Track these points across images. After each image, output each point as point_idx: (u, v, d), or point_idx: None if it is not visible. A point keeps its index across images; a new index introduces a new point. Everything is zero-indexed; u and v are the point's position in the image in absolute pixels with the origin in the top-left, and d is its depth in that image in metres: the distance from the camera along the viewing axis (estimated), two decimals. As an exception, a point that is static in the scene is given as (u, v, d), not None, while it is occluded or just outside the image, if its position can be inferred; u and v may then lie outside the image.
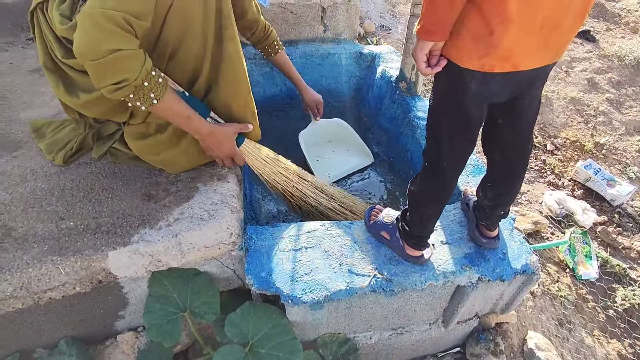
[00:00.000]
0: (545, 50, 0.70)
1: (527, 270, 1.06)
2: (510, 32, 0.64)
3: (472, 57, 0.70)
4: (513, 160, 0.90)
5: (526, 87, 0.77)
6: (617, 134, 2.18)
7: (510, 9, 0.62)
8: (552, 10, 0.64)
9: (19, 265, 0.94)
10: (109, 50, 0.77)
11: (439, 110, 0.83)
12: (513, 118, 0.84)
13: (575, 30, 0.71)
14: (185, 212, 1.06)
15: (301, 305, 0.96)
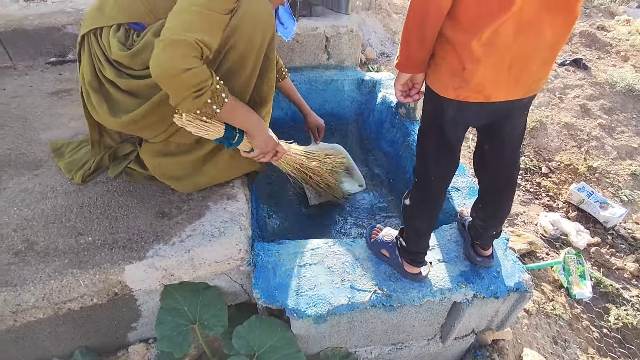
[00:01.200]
0: (517, 87, 0.79)
1: (520, 288, 1.12)
2: (479, 70, 0.74)
3: (449, 88, 0.80)
4: (500, 183, 0.98)
5: (503, 116, 0.86)
6: (609, 158, 2.26)
7: (477, 52, 0.72)
8: (519, 54, 0.73)
9: (42, 277, 1.01)
10: (185, 68, 0.88)
11: (426, 132, 0.92)
12: (497, 144, 0.92)
13: (546, 71, 0.80)
14: (197, 229, 1.13)
15: (305, 318, 1.02)
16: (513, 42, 0.72)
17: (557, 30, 0.73)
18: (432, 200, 0.98)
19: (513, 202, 1.83)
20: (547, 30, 0.72)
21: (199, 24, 0.91)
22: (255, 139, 1.14)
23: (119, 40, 1.09)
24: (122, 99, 1.11)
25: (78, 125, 1.73)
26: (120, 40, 1.09)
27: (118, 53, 1.07)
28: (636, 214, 1.97)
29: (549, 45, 0.74)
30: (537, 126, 2.45)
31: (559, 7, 0.71)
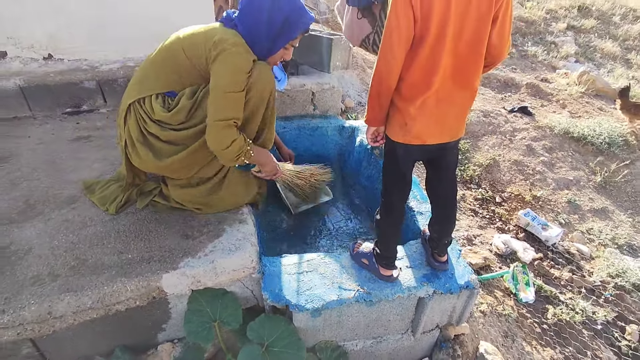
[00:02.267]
0: (442, 134, 1.18)
1: (469, 286, 1.45)
2: (416, 125, 1.13)
3: (397, 136, 1.19)
4: (444, 202, 1.35)
5: (438, 154, 1.24)
6: (550, 188, 2.70)
7: (413, 113, 1.11)
8: (440, 115, 1.13)
9: (96, 284, 1.27)
10: (230, 142, 1.34)
11: (386, 165, 1.30)
12: (438, 172, 1.31)
13: (461, 125, 1.21)
14: (217, 245, 1.43)
15: (304, 312, 1.31)
16: (435, 107, 1.12)
17: (463, 100, 1.14)
18: (395, 214, 1.33)
19: (470, 227, 2.21)
20: (457, 100, 1.13)
21: (228, 106, 1.33)
22: (264, 167, 1.58)
23: (160, 105, 1.46)
24: (163, 147, 1.46)
25: (101, 167, 2.03)
26: (160, 104, 1.46)
27: (160, 114, 1.42)
28: (571, 233, 2.37)
29: (459, 109, 1.15)
30: (491, 163, 2.89)
31: (464, 86, 1.12)
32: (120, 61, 3.04)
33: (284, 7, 1.37)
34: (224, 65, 1.31)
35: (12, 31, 2.87)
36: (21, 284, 1.27)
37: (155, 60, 1.50)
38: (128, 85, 1.57)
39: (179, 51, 1.42)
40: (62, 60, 3.02)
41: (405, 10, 1.01)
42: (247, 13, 1.39)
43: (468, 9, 1.02)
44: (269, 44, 1.44)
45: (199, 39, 1.39)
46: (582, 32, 5.78)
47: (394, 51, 1.06)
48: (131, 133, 1.49)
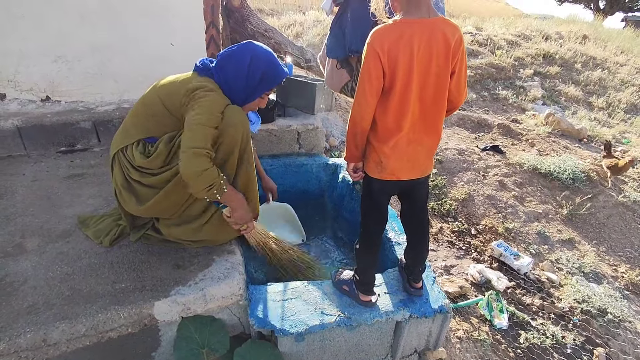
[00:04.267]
0: (413, 171, 1.34)
1: (443, 310, 1.56)
2: (390, 163, 1.29)
3: (374, 172, 1.34)
4: (417, 232, 1.49)
5: (410, 188, 1.40)
6: (521, 221, 2.88)
7: (387, 152, 1.27)
8: (411, 154, 1.30)
9: (90, 312, 1.34)
10: (202, 170, 1.34)
11: (364, 199, 1.44)
12: (411, 204, 1.46)
13: (430, 162, 1.38)
14: (207, 274, 1.52)
15: (289, 336, 1.39)
16: (407, 147, 1.29)
17: (430, 142, 1.31)
18: (372, 243, 1.46)
19: (448, 257, 2.34)
20: (426, 141, 1.30)
21: (201, 137, 1.37)
22: (235, 212, 1.56)
23: (140, 151, 1.55)
24: (144, 192, 1.56)
25: (95, 202, 2.12)
26: (140, 151, 1.56)
27: (140, 160, 1.53)
28: (541, 263, 2.52)
29: (427, 149, 1.32)
30: (466, 198, 3.08)
31: (431, 130, 1.30)
32: (116, 102, 3.21)
33: (261, 64, 1.52)
34: (199, 105, 1.41)
35: (12, 75, 3.03)
36: (17, 313, 1.33)
37: (136, 109, 1.61)
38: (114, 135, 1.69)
39: (156, 100, 1.53)
40: (59, 102, 3.17)
41: (375, 64, 1.19)
42: (226, 66, 1.51)
43: (429, 67, 1.22)
44: (246, 94, 1.57)
45: (174, 87, 1.50)
46: (547, 77, 6.28)
47: (366, 98, 1.24)
48: (117, 180, 1.59)
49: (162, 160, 1.50)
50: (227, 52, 1.55)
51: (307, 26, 6.88)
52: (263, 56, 1.54)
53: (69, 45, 3.02)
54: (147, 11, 3.05)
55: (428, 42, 1.16)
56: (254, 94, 1.57)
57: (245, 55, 1.51)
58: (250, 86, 1.53)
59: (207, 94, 1.44)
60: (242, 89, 1.54)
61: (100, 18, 2.99)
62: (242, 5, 3.64)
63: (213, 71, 1.54)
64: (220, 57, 1.55)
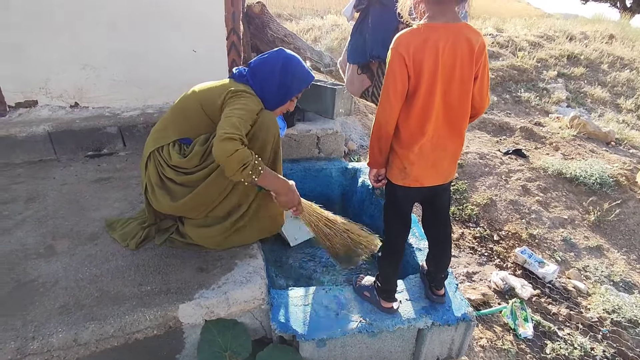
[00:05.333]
0: (437, 177, 1.32)
1: (466, 318, 1.53)
2: (414, 169, 1.28)
3: (398, 179, 1.33)
4: (439, 238, 1.47)
5: (433, 194, 1.38)
6: (545, 227, 2.80)
7: (412, 159, 1.26)
8: (435, 159, 1.28)
9: (118, 314, 1.38)
10: (233, 149, 1.35)
11: (387, 206, 1.43)
12: (433, 211, 1.44)
13: (453, 168, 1.36)
14: (230, 278, 1.54)
15: (310, 341, 1.39)
16: (431, 153, 1.28)
17: (454, 147, 1.30)
18: (395, 251, 1.45)
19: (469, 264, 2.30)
20: (449, 147, 1.29)
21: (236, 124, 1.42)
22: (280, 196, 1.57)
23: (176, 151, 1.63)
24: (177, 190, 1.62)
25: (121, 206, 2.19)
26: (177, 151, 1.63)
27: (177, 160, 1.60)
28: (568, 270, 2.44)
29: (451, 155, 1.30)
30: (488, 203, 3.02)
31: (454, 134, 1.28)
32: (140, 108, 3.30)
33: (292, 69, 1.62)
34: (237, 103, 1.50)
35: (44, 82, 3.15)
36: (49, 313, 1.38)
37: (173, 111, 1.71)
38: (149, 135, 1.76)
39: (194, 103, 1.63)
40: (87, 108, 3.29)
41: (400, 68, 1.19)
42: (260, 73, 1.62)
43: (453, 71, 1.21)
44: (278, 98, 1.67)
45: (214, 91, 1.60)
46: (572, 78, 6.10)
47: (390, 102, 1.24)
48: (151, 178, 1.65)
49: (197, 160, 1.58)
50: (260, 59, 1.64)
51: (325, 30, 6.91)
52: (293, 61, 1.65)
53: (97, 53, 3.13)
54: (171, 19, 3.13)
55: (453, 46, 1.16)
56: (285, 97, 1.67)
57: (277, 61, 1.62)
58: (282, 90, 1.63)
59: (246, 95, 1.55)
60: (275, 93, 1.63)
61: (126, 27, 3.08)
62: (263, 12, 3.69)
63: (248, 77, 1.64)
64: (254, 65, 1.65)
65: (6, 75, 3.04)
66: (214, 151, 1.39)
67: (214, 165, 1.55)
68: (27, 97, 3.15)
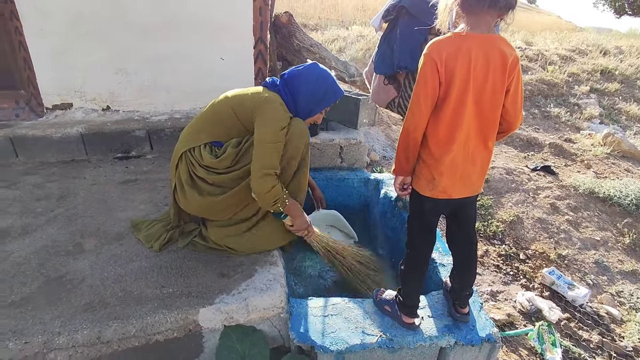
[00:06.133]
0: (465, 189, 1.29)
1: (490, 339, 1.47)
2: (442, 180, 1.25)
3: (425, 190, 1.30)
4: (464, 254, 1.43)
5: (459, 207, 1.34)
6: (575, 248, 2.68)
7: (442, 169, 1.23)
8: (464, 172, 1.25)
9: (140, 314, 1.39)
10: (270, 187, 1.53)
11: (412, 218, 1.40)
12: (459, 225, 1.40)
13: (481, 181, 1.32)
14: (250, 284, 1.54)
15: (329, 354, 1.37)
16: (462, 165, 1.25)
17: (483, 160, 1.26)
18: (419, 265, 1.41)
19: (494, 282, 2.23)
20: (478, 160, 1.25)
21: (271, 156, 1.55)
22: (295, 220, 1.69)
23: (208, 152, 1.68)
24: (207, 189, 1.68)
25: (147, 208, 2.23)
26: (209, 152, 1.68)
27: (209, 160, 1.64)
28: (600, 295, 2.32)
29: (480, 167, 1.27)
30: (515, 220, 2.93)
31: (484, 147, 1.25)
32: (168, 113, 3.39)
33: (324, 84, 1.69)
34: (266, 119, 1.57)
35: (79, 86, 3.29)
36: (75, 309, 1.41)
37: (205, 115, 1.77)
38: (180, 136, 1.81)
39: (227, 109, 1.69)
40: (117, 111, 3.40)
41: (432, 73, 1.18)
42: (293, 84, 1.68)
43: (485, 81, 1.18)
44: (309, 109, 1.73)
45: (246, 97, 1.67)
46: (605, 94, 5.89)
47: (420, 107, 1.22)
48: (181, 177, 1.70)
49: (229, 161, 1.66)
50: (295, 71, 1.70)
51: (350, 41, 6.94)
52: (326, 76, 1.72)
53: (129, 59, 3.25)
54: (200, 28, 3.22)
55: (485, 56, 1.13)
56: (315, 109, 1.73)
57: (312, 75, 1.69)
58: (314, 102, 1.70)
59: (275, 106, 1.61)
60: (307, 104, 1.70)
61: (158, 34, 3.19)
62: (290, 22, 3.74)
63: (280, 88, 1.70)
64: (288, 76, 1.72)
65: (46, 79, 3.19)
66: (253, 186, 1.57)
67: (247, 168, 1.61)
68: (64, 100, 3.30)
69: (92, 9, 3.03)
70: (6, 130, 2.91)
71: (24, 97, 3.26)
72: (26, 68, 3.16)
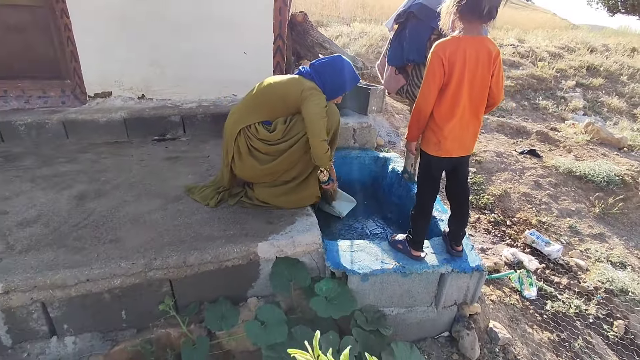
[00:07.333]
0: (462, 149, 1.73)
1: (479, 268, 1.92)
2: (446, 143, 1.69)
3: (432, 150, 1.74)
4: (460, 200, 1.87)
5: (458, 164, 1.79)
6: (554, 216, 3.14)
7: (446, 134, 1.67)
8: (461, 136, 1.69)
9: (212, 247, 1.82)
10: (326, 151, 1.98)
11: (422, 174, 1.84)
12: (456, 180, 1.84)
13: (473, 143, 1.76)
14: (294, 228, 1.97)
15: (357, 275, 1.81)
16: (459, 131, 1.69)
17: (475, 127, 1.70)
18: (426, 209, 1.86)
19: (484, 242, 2.68)
20: (471, 127, 1.70)
21: (322, 128, 1.95)
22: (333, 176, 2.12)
23: (263, 128, 2.09)
24: (262, 157, 2.08)
25: (193, 178, 2.65)
26: (263, 128, 2.09)
27: (264, 134, 2.06)
28: (571, 251, 2.79)
29: (472, 133, 1.71)
30: (503, 194, 3.38)
31: (475, 118, 1.69)
32: (197, 101, 3.80)
33: (348, 72, 2.10)
34: (313, 103, 1.96)
35: (118, 76, 3.69)
36: (161, 245, 1.84)
37: (255, 100, 2.15)
38: (232, 116, 2.20)
39: (274, 94, 2.09)
40: (151, 99, 3.81)
41: (438, 66, 1.61)
42: (324, 72, 2.09)
43: (476, 70, 1.61)
44: (335, 92, 2.14)
45: (291, 88, 2.05)
46: (590, 88, 6.37)
47: (430, 89, 1.65)
48: (240, 148, 2.11)
49: (280, 134, 2.06)
50: (322, 61, 2.11)
51: (354, 37, 7.36)
52: (349, 65, 2.12)
53: (163, 52, 3.65)
54: (226, 25, 3.63)
55: (476, 53, 1.57)
56: (339, 92, 2.15)
57: (338, 64, 2.10)
58: (338, 86, 2.11)
59: (317, 93, 2.02)
60: (333, 88, 2.10)
61: (189, 30, 3.59)
62: (305, 20, 4.16)
63: (313, 76, 2.10)
64: (318, 65, 2.12)
65: (89, 70, 3.59)
66: (316, 151, 1.98)
67: (293, 140, 2.04)
68: (104, 89, 3.70)
69: (132, 9, 3.42)
70: (59, 115, 3.31)
71: (69, 86, 3.65)
72: (72, 60, 3.55)
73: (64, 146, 3.21)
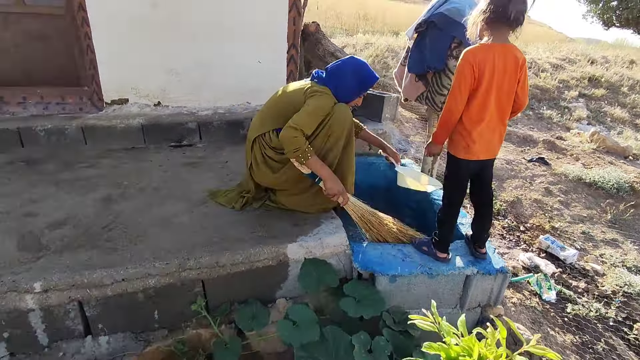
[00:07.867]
0: (488, 152, 1.78)
1: (503, 270, 1.95)
2: (475, 145, 1.74)
3: (461, 153, 1.79)
4: (484, 202, 1.91)
5: (484, 167, 1.83)
6: (566, 221, 3.19)
7: (474, 138, 1.72)
8: (489, 140, 1.74)
9: (243, 248, 1.85)
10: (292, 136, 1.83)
11: (449, 177, 1.88)
12: (481, 183, 1.89)
13: (499, 147, 1.81)
14: (320, 230, 2.01)
15: (385, 276, 1.84)
16: (486, 135, 1.74)
17: (501, 131, 1.76)
18: (453, 211, 1.90)
19: (499, 247, 2.72)
20: (498, 131, 1.75)
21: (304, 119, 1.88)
22: (326, 183, 1.99)
23: (275, 136, 2.09)
24: (275, 165, 2.10)
25: (214, 182, 2.69)
26: (275, 136, 2.09)
27: (277, 143, 2.06)
28: (586, 256, 2.82)
29: (498, 136, 1.77)
30: (515, 200, 3.43)
31: (502, 122, 1.75)
32: (212, 109, 3.86)
33: (361, 73, 2.05)
34: (314, 100, 1.95)
35: (135, 84, 3.76)
36: (193, 245, 1.87)
37: (270, 108, 2.17)
38: (251, 124, 2.22)
39: (287, 104, 2.07)
40: (167, 106, 3.87)
41: (469, 71, 1.66)
42: (337, 74, 2.05)
43: (504, 76, 1.67)
44: (351, 94, 2.09)
45: (299, 92, 2.04)
46: (592, 99, 6.49)
47: (461, 93, 1.70)
48: (256, 156, 2.14)
49: None
50: (336, 65, 2.09)
51: (359, 48, 7.49)
52: (362, 64, 2.08)
53: (179, 60, 3.72)
54: (241, 35, 3.71)
55: (504, 60, 1.63)
56: (355, 94, 2.10)
57: (350, 65, 2.06)
58: (354, 88, 2.06)
59: (321, 94, 2.00)
60: (348, 90, 2.06)
61: (205, 39, 3.67)
62: (317, 30, 4.26)
63: (326, 80, 2.10)
64: (330, 68, 2.10)
65: (107, 77, 3.65)
66: (281, 133, 1.86)
67: None
68: (121, 96, 3.76)
69: (150, 19, 3.50)
70: (78, 120, 3.36)
71: (87, 93, 3.70)
72: (91, 67, 3.61)
73: (83, 152, 3.25)
